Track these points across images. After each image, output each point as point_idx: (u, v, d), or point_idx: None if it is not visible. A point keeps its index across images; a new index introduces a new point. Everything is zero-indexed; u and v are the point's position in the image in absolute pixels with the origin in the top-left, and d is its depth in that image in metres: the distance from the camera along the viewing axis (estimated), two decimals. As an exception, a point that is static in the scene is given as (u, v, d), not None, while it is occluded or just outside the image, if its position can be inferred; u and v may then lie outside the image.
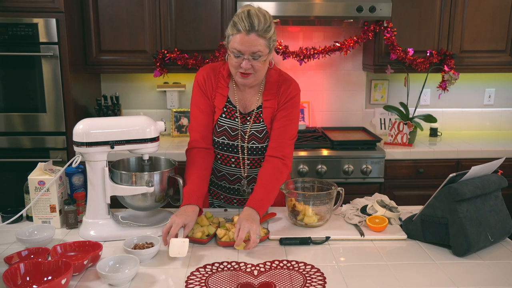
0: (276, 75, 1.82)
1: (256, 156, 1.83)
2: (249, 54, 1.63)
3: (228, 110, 1.81)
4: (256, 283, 1.30)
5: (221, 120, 1.81)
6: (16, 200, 2.44)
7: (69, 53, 2.73)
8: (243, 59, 1.64)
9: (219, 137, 1.82)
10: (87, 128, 1.54)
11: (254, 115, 1.80)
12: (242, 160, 1.83)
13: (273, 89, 1.80)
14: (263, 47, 1.63)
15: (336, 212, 1.80)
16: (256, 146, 1.80)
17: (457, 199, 1.45)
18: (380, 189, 2.91)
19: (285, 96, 1.79)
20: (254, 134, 1.80)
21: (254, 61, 1.65)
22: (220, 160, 1.86)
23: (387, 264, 1.42)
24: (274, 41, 1.68)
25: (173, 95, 3.36)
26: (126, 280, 1.29)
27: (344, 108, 3.47)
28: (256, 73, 1.68)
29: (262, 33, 1.61)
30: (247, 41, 1.61)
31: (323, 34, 3.34)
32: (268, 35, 1.63)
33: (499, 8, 3.04)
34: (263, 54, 1.64)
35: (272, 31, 1.65)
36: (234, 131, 1.80)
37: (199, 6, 2.96)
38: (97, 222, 1.60)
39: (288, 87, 1.80)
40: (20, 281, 1.24)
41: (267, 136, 1.80)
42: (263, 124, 1.80)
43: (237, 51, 1.63)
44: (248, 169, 1.85)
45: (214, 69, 1.83)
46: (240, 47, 1.62)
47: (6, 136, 2.79)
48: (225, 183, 1.92)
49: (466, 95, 3.52)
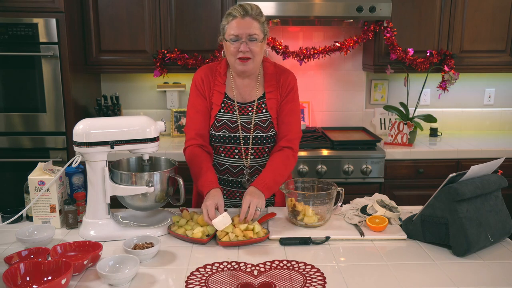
0: (272, 67, 1.92)
1: (261, 146, 1.88)
2: (246, 37, 1.74)
3: (226, 105, 1.88)
4: (256, 283, 1.30)
5: (220, 115, 1.87)
6: (16, 200, 2.45)
7: (69, 53, 2.73)
8: (241, 43, 1.74)
9: (219, 131, 1.87)
10: (87, 128, 1.54)
11: (256, 106, 1.88)
12: (245, 150, 1.88)
13: (272, 80, 1.89)
14: (258, 30, 1.75)
15: (336, 212, 1.80)
16: (260, 135, 1.86)
17: (457, 199, 1.45)
18: (380, 189, 2.91)
19: (286, 86, 1.89)
20: (258, 124, 1.87)
21: (251, 43, 1.75)
22: (224, 153, 1.91)
23: (387, 264, 1.43)
24: (267, 30, 1.81)
25: (173, 95, 3.36)
26: (126, 280, 1.29)
27: (344, 108, 3.47)
28: (254, 57, 1.78)
29: (256, 16, 1.75)
30: (243, 23, 1.73)
31: (323, 34, 3.34)
32: (261, 19, 1.77)
33: (499, 8, 3.04)
34: (258, 38, 1.75)
35: (264, 18, 1.79)
36: (233, 123, 1.87)
37: (199, 6, 2.96)
38: (97, 222, 1.60)
39: (287, 77, 1.90)
40: (20, 281, 1.24)
41: (271, 125, 1.87)
42: (267, 114, 1.87)
43: (234, 36, 1.74)
44: (251, 159, 1.90)
45: (211, 68, 1.92)
46: (237, 30, 1.73)
47: (6, 136, 2.79)
48: (228, 176, 1.94)
49: (466, 95, 3.52)
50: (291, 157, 1.85)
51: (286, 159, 1.83)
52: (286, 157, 1.83)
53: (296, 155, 1.88)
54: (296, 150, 1.87)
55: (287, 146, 1.85)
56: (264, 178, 1.74)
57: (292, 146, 1.85)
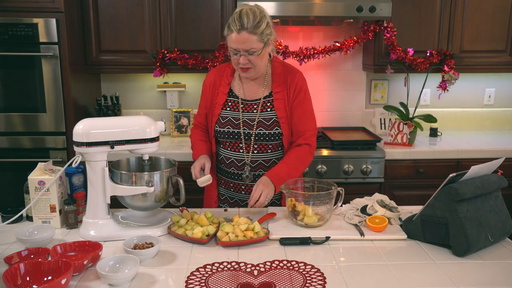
0: (280, 67, 1.96)
1: (264, 142, 1.92)
2: (243, 51, 1.78)
3: (232, 103, 1.96)
4: (256, 283, 1.30)
5: (224, 113, 1.95)
6: (16, 200, 2.44)
7: (69, 53, 2.73)
8: (240, 56, 1.80)
9: (224, 127, 1.94)
10: (87, 128, 1.54)
11: (262, 104, 1.92)
12: (247, 147, 1.93)
13: (280, 80, 1.93)
14: (255, 43, 1.77)
15: (336, 212, 1.80)
16: (263, 132, 1.90)
17: (457, 199, 1.45)
18: (380, 189, 2.91)
19: (294, 87, 1.93)
20: (261, 121, 1.90)
21: (250, 56, 1.80)
22: (230, 147, 1.97)
23: (387, 264, 1.43)
24: (268, 34, 1.81)
25: (173, 95, 3.36)
26: (126, 280, 1.29)
27: (344, 108, 3.47)
28: (255, 67, 1.84)
29: (252, 30, 1.75)
30: (239, 39, 1.76)
31: (323, 34, 3.34)
32: (258, 31, 1.76)
33: (499, 8, 3.04)
34: (256, 50, 1.78)
35: (263, 26, 1.77)
36: (237, 120, 1.93)
37: (199, 6, 2.96)
38: (97, 222, 1.60)
39: (295, 77, 1.94)
40: (20, 281, 1.24)
41: (276, 124, 1.90)
42: (272, 113, 1.91)
43: (233, 49, 1.80)
44: (255, 154, 1.93)
45: (219, 70, 2.02)
46: (235, 45, 1.78)
47: (6, 136, 2.79)
48: (233, 169, 1.98)
49: (466, 95, 3.52)
50: (308, 153, 1.92)
51: (303, 154, 1.90)
52: (303, 152, 1.90)
53: (313, 151, 1.95)
54: (313, 147, 1.95)
55: (305, 143, 1.91)
56: (279, 170, 1.83)
57: (309, 142, 1.92)
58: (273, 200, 1.98)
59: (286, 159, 1.89)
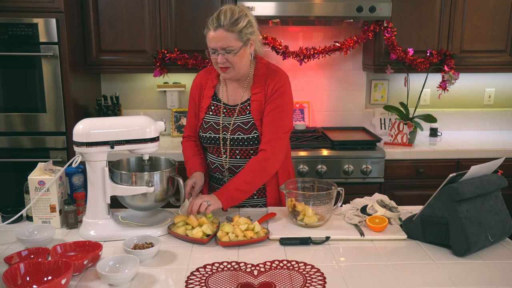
0: (264, 69, 1.87)
1: (243, 147, 1.86)
2: (220, 49, 1.72)
3: (215, 107, 1.90)
4: (256, 283, 1.30)
5: (207, 117, 1.90)
6: (16, 200, 2.45)
7: (69, 53, 2.73)
8: (217, 55, 1.74)
9: (206, 132, 1.90)
10: (87, 128, 1.54)
11: (240, 108, 1.86)
12: (228, 151, 1.88)
13: (260, 81, 1.85)
14: (232, 41, 1.71)
15: (336, 212, 1.80)
16: (241, 137, 1.84)
17: (457, 199, 1.45)
18: (380, 189, 2.91)
19: (272, 88, 1.82)
20: (239, 125, 1.85)
21: (228, 54, 1.73)
22: (213, 152, 1.93)
23: (387, 264, 1.43)
24: (249, 34, 1.75)
25: (173, 95, 3.36)
26: (126, 280, 1.29)
27: (344, 108, 3.47)
28: (233, 66, 1.76)
29: (228, 27, 1.69)
30: (215, 37, 1.71)
31: (323, 34, 3.34)
32: (236, 29, 1.70)
33: (499, 8, 3.04)
34: (234, 48, 1.72)
35: (242, 24, 1.71)
36: (218, 125, 1.88)
37: (199, 6, 2.96)
38: (97, 222, 1.60)
39: (274, 78, 1.84)
40: (20, 281, 1.24)
41: (254, 127, 1.83)
42: (249, 116, 1.84)
43: (211, 48, 1.75)
44: (237, 159, 1.89)
45: (206, 72, 1.96)
46: (212, 43, 1.73)
47: (6, 136, 2.78)
48: (218, 174, 1.96)
49: (466, 95, 3.52)
50: (263, 160, 1.78)
51: (256, 163, 1.78)
52: (257, 161, 1.79)
53: (273, 156, 1.79)
54: (271, 151, 1.79)
55: (262, 148, 1.80)
56: (230, 186, 1.76)
57: (266, 148, 1.79)
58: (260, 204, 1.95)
59: (241, 171, 1.80)
